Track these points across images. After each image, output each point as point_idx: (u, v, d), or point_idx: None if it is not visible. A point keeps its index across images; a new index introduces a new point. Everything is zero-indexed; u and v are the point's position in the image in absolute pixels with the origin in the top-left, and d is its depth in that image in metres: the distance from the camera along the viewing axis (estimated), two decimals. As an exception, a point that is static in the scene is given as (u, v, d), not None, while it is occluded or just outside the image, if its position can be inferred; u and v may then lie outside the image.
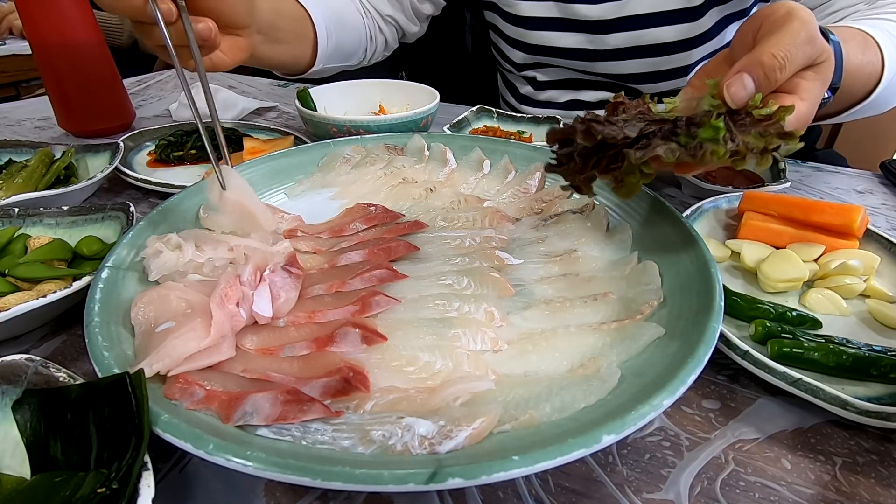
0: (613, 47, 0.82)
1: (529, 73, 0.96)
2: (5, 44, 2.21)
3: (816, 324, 0.41)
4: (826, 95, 0.44)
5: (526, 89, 0.99)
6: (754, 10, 0.82)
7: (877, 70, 0.52)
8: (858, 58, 0.50)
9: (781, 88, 0.38)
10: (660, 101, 0.39)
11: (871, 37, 0.52)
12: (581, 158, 0.37)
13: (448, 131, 0.74)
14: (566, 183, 0.40)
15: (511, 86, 1.04)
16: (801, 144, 0.35)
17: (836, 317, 0.43)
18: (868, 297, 0.45)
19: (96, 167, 0.66)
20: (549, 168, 0.40)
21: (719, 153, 0.33)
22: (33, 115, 0.94)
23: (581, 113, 0.38)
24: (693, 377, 0.28)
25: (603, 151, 0.36)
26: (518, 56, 0.94)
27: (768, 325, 0.39)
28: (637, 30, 0.80)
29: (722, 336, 0.36)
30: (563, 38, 0.85)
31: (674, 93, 0.42)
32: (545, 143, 0.70)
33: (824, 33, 0.43)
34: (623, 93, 0.39)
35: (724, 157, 0.34)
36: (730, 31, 0.83)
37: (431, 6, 0.98)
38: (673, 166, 0.35)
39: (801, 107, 0.37)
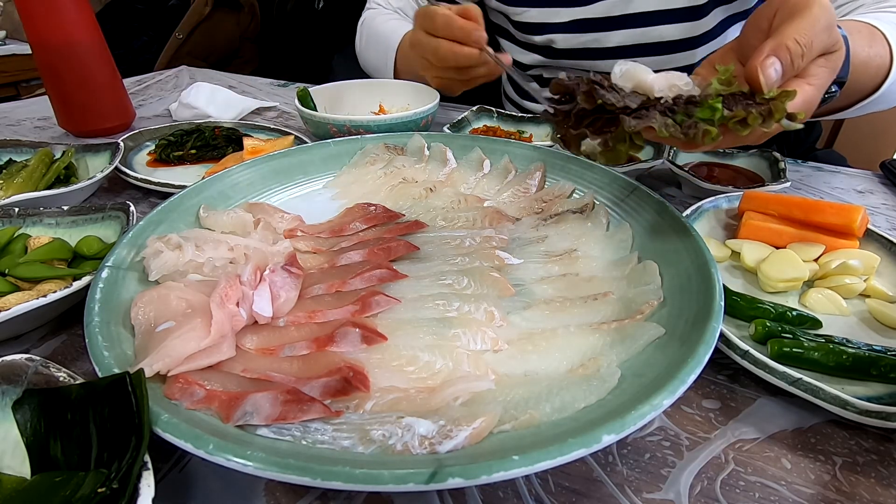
0: (617, 45, 0.82)
1: (535, 72, 0.96)
2: (5, 44, 2.21)
3: (816, 324, 0.41)
4: (833, 89, 0.44)
5: (530, 86, 0.99)
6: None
7: (885, 64, 0.52)
8: (865, 51, 0.50)
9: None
10: None
11: (879, 30, 0.51)
12: (576, 117, 0.37)
13: (448, 131, 0.73)
14: (557, 134, 0.41)
15: (515, 82, 1.05)
16: (802, 126, 0.35)
17: (836, 317, 0.43)
18: (868, 297, 0.45)
19: (96, 167, 0.66)
20: (544, 115, 0.40)
21: (712, 134, 0.34)
22: (33, 115, 0.94)
23: (591, 73, 0.38)
24: (693, 377, 0.28)
25: (600, 114, 0.36)
26: (527, 58, 0.94)
27: (768, 324, 0.39)
28: (641, 27, 0.80)
29: (722, 336, 0.36)
30: (569, 40, 0.85)
31: None
32: (545, 143, 0.70)
33: None
34: None
35: (716, 137, 0.34)
36: (733, 31, 0.83)
37: None
38: (667, 141, 0.36)
39: (809, 91, 0.37)
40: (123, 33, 1.70)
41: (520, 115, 0.84)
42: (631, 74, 0.36)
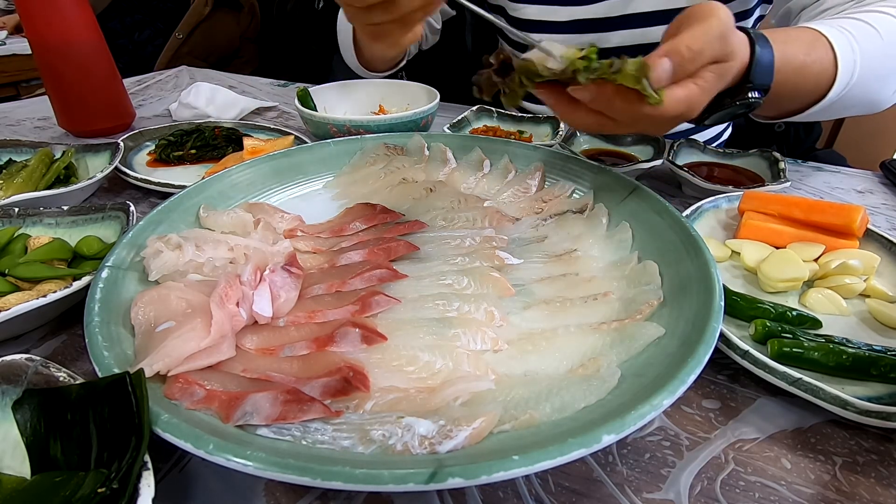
0: (617, 45, 0.82)
1: None
2: (5, 44, 2.21)
3: (816, 324, 0.41)
4: (756, 95, 0.47)
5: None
6: (756, 11, 0.82)
7: (826, 70, 0.53)
8: (800, 58, 0.51)
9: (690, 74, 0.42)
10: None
11: (825, 37, 0.53)
12: (492, 72, 0.45)
13: (448, 131, 0.73)
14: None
15: None
16: (660, 101, 0.40)
17: (836, 317, 0.43)
18: (868, 297, 0.45)
19: (96, 167, 0.66)
20: (473, 79, 0.46)
21: (585, 77, 0.39)
22: (33, 115, 0.94)
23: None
24: (693, 377, 0.28)
25: (508, 72, 0.44)
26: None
27: (768, 324, 0.39)
28: (641, 28, 0.80)
29: (722, 336, 0.36)
30: (569, 40, 0.85)
31: None
32: (545, 143, 0.70)
33: (754, 39, 0.46)
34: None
35: (588, 80, 0.40)
36: None
37: (441, 14, 1.00)
38: (546, 76, 0.41)
39: (693, 89, 0.41)
40: (129, 25, 1.70)
41: (520, 115, 0.84)
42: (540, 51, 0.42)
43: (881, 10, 0.56)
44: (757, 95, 0.47)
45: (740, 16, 0.82)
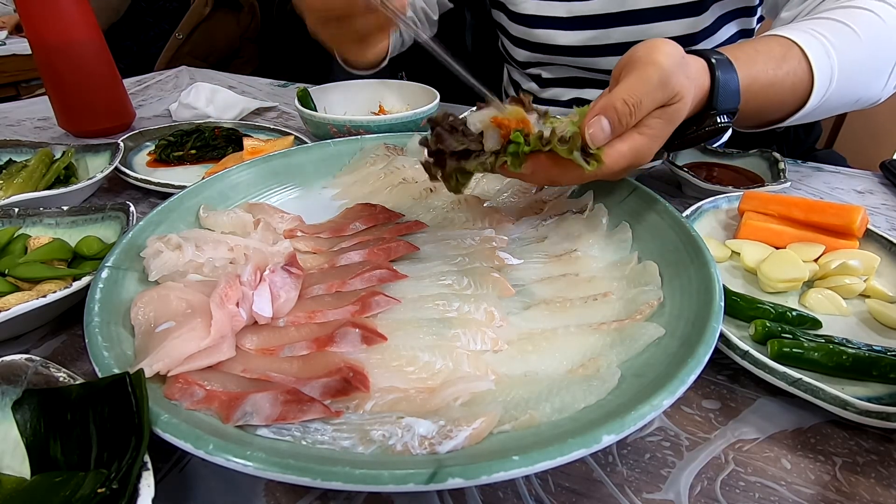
0: (616, 42, 0.82)
1: (534, 71, 0.96)
2: (5, 44, 2.21)
3: (816, 324, 0.41)
4: (725, 120, 0.46)
5: (529, 86, 1.00)
6: (760, 9, 0.82)
7: (802, 80, 0.52)
8: (770, 73, 0.51)
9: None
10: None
11: (798, 45, 0.52)
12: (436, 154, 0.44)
13: (448, 131, 0.73)
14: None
15: (515, 83, 1.05)
16: (594, 168, 0.39)
17: (836, 317, 0.43)
18: (868, 297, 0.45)
19: (96, 167, 0.66)
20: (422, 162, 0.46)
21: (516, 165, 0.40)
22: (33, 115, 0.94)
23: (451, 116, 0.43)
24: (693, 377, 0.28)
25: (444, 163, 0.43)
26: (522, 55, 0.94)
27: (768, 325, 0.39)
28: (641, 24, 0.80)
29: (722, 336, 0.36)
30: (566, 36, 0.85)
31: None
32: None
33: (714, 65, 0.45)
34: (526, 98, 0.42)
35: (519, 168, 0.40)
36: (731, 28, 0.83)
37: (438, 7, 0.99)
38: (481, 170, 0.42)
39: (639, 140, 0.40)
40: (134, 27, 1.70)
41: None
42: (477, 118, 0.41)
43: (860, 6, 0.55)
44: (725, 120, 0.46)
45: (740, 12, 0.82)
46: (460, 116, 0.43)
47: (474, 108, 0.44)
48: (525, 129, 0.40)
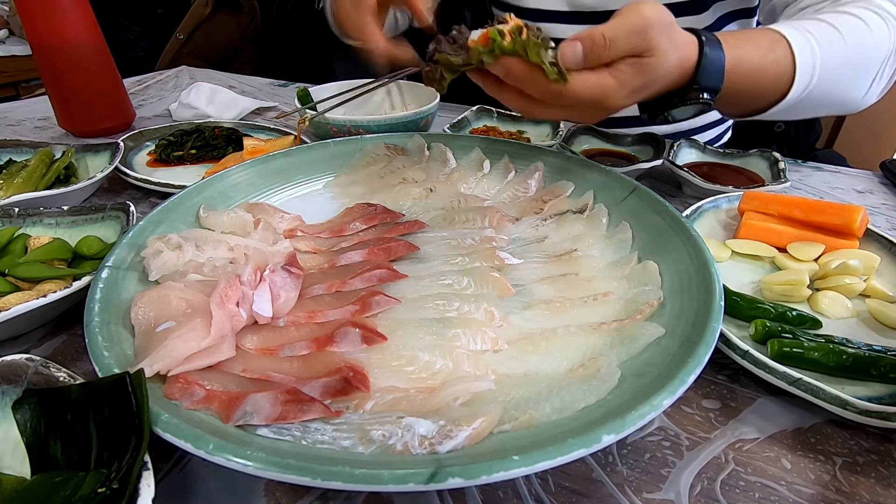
0: None
1: None
2: (5, 44, 2.21)
3: (816, 324, 0.41)
4: (706, 97, 0.47)
5: None
6: (758, 13, 0.82)
7: (785, 72, 0.53)
8: (756, 60, 0.52)
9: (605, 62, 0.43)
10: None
11: (786, 39, 0.53)
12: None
13: (448, 131, 0.73)
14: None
15: None
16: (561, 79, 0.41)
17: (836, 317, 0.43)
18: (868, 297, 0.45)
19: (96, 167, 0.66)
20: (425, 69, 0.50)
21: (490, 58, 0.43)
22: (33, 115, 0.94)
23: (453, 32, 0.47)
24: (693, 377, 0.28)
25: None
26: None
27: (768, 324, 0.39)
28: None
29: (722, 336, 0.36)
30: (567, 31, 0.85)
31: None
32: (545, 143, 0.70)
33: (703, 42, 0.46)
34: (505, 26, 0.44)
35: (493, 60, 0.43)
36: (731, 28, 0.83)
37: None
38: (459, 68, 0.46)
39: (608, 80, 0.42)
40: (118, 42, 1.70)
41: (520, 114, 0.84)
42: (477, 33, 0.45)
43: (850, 12, 0.56)
44: (707, 97, 0.47)
45: (741, 13, 0.82)
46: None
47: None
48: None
